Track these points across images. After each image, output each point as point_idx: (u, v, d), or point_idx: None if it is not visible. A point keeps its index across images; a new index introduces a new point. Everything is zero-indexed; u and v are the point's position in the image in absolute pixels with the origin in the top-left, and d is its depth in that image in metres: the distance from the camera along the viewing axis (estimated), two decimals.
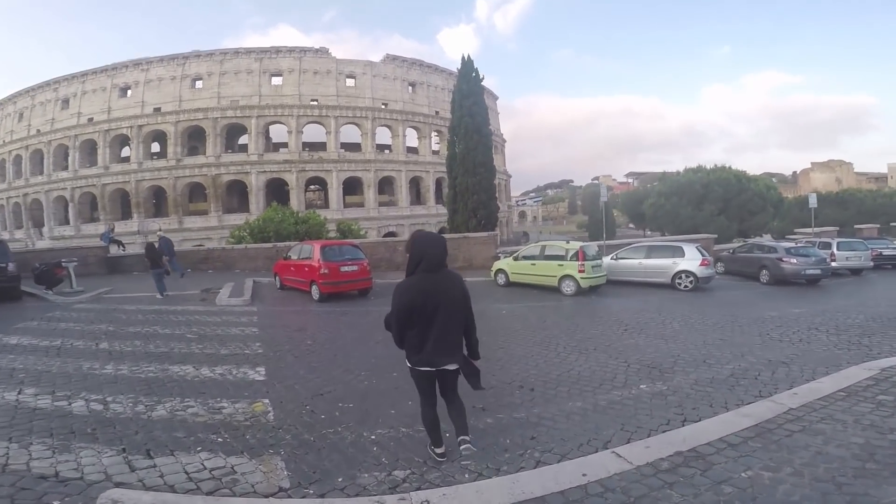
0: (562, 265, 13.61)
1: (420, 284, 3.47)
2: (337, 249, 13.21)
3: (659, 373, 6.21)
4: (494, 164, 21.39)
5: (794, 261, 15.13)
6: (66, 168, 47.33)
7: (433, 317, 3.46)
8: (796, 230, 27.06)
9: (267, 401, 5.30)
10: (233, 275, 18.27)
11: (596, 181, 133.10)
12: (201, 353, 7.31)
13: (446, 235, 18.24)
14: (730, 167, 31.97)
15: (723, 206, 28.97)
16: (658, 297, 12.84)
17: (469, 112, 20.52)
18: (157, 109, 45.54)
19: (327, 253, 12.63)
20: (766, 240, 21.43)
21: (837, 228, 27.60)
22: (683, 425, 4.57)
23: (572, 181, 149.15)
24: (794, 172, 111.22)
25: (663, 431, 4.47)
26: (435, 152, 51.23)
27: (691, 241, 17.47)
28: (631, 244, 16.68)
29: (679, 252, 14.72)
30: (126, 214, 46.08)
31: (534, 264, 14.31)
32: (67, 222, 47.12)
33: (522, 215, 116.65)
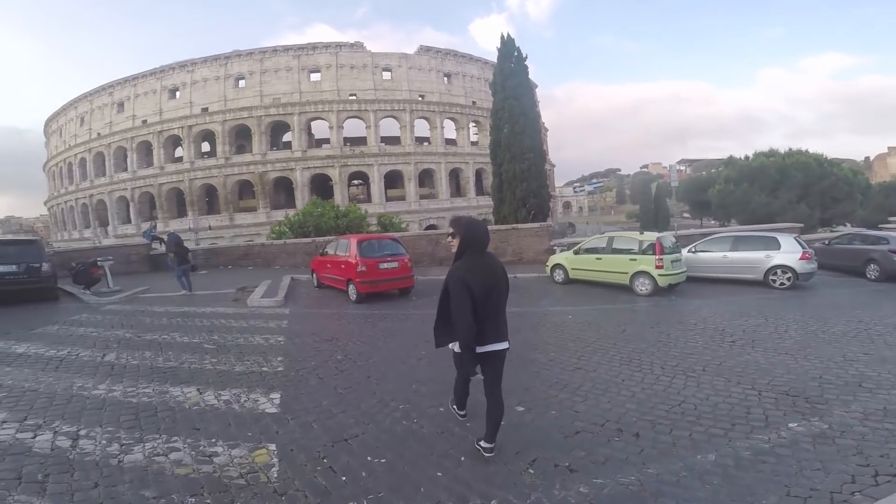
0: (635, 259, 11.63)
1: (476, 265, 3.44)
2: (375, 244, 11.81)
3: (807, 404, 4.43)
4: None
5: None
6: (125, 169, 48.84)
7: (487, 297, 3.39)
8: (890, 218, 23.60)
9: (273, 447, 3.88)
10: (272, 272, 17.36)
11: (645, 169, 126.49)
12: (213, 369, 6.03)
13: (492, 227, 16.68)
14: (807, 151, 28.33)
15: (802, 193, 25.47)
16: (752, 297, 10.64)
17: (513, 94, 18.57)
18: (205, 109, 46.13)
19: (365, 248, 11.24)
20: (868, 230, 18.29)
21: None
22: (877, 483, 3.09)
23: (619, 170, 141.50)
24: (867, 158, 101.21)
25: (853, 495, 2.97)
26: (473, 143, 49.51)
27: (774, 230, 15.00)
28: (711, 234, 14.34)
29: (773, 244, 12.29)
30: (181, 213, 47.13)
31: (599, 258, 12.38)
32: (130, 221, 48.76)
33: (567, 206, 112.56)
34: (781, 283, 11.78)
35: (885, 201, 32.10)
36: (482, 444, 3.57)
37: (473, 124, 49.55)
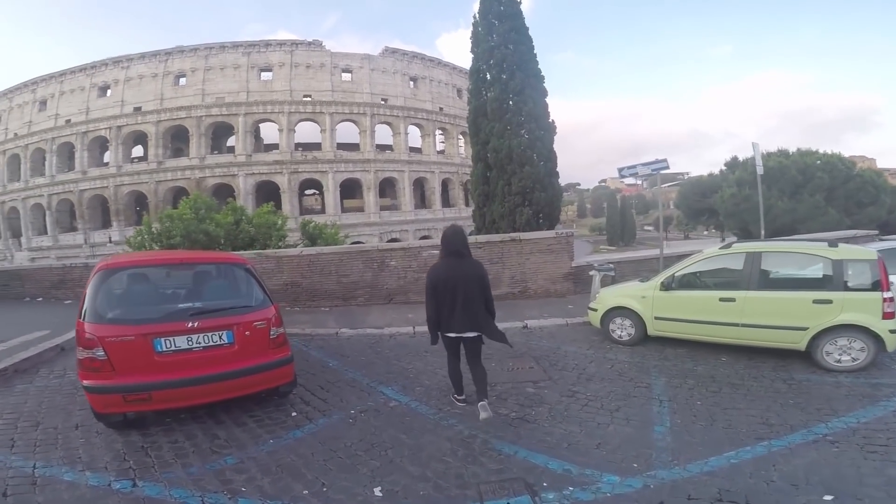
0: (827, 302, 4.43)
1: (443, 266, 3.81)
2: (158, 281, 4.02)
3: None
4: None
5: None
6: (43, 174, 38.85)
7: (454, 293, 3.71)
8: None
9: None
10: None
11: (603, 183, 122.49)
12: None
13: (477, 238, 8.96)
14: (818, 151, 22.84)
15: (827, 197, 19.82)
16: None
17: (506, 39, 11.19)
18: (138, 109, 36.99)
19: (112, 295, 3.49)
20: None
21: None
22: None
23: (579, 184, 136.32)
24: None
25: None
26: (440, 152, 42.29)
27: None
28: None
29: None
30: (106, 223, 37.57)
31: (730, 300, 4.97)
32: (46, 232, 38.62)
33: None
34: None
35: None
36: (479, 404, 3.72)
37: (440, 132, 42.38)
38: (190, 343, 3.34)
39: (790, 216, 18.89)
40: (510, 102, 10.53)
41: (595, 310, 5.95)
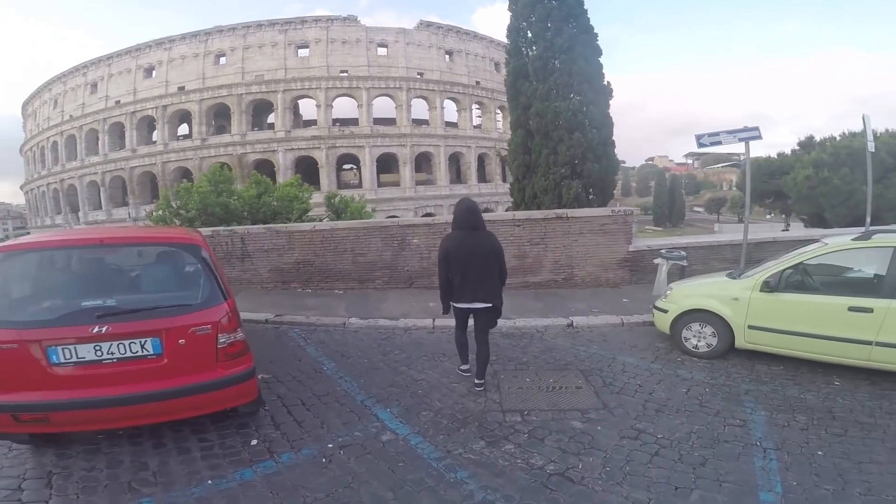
0: None
1: (453, 238, 3.69)
2: (59, 266, 2.84)
3: None
4: None
5: None
6: (97, 153, 40.68)
7: (466, 265, 3.60)
8: None
9: None
10: None
11: (650, 162, 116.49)
12: None
13: (520, 214, 7.60)
14: None
15: None
16: None
17: None
18: (181, 88, 37.69)
19: None
20: None
21: None
22: None
23: (624, 162, 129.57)
24: None
25: None
26: (476, 126, 40.68)
27: None
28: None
29: None
30: (155, 197, 39.02)
31: (865, 309, 3.51)
32: (101, 207, 40.67)
33: None
34: None
35: None
36: (475, 380, 3.79)
37: (476, 106, 40.68)
38: (98, 353, 2.39)
39: (875, 202, 16.12)
40: (556, 62, 8.87)
41: (664, 311, 4.56)
